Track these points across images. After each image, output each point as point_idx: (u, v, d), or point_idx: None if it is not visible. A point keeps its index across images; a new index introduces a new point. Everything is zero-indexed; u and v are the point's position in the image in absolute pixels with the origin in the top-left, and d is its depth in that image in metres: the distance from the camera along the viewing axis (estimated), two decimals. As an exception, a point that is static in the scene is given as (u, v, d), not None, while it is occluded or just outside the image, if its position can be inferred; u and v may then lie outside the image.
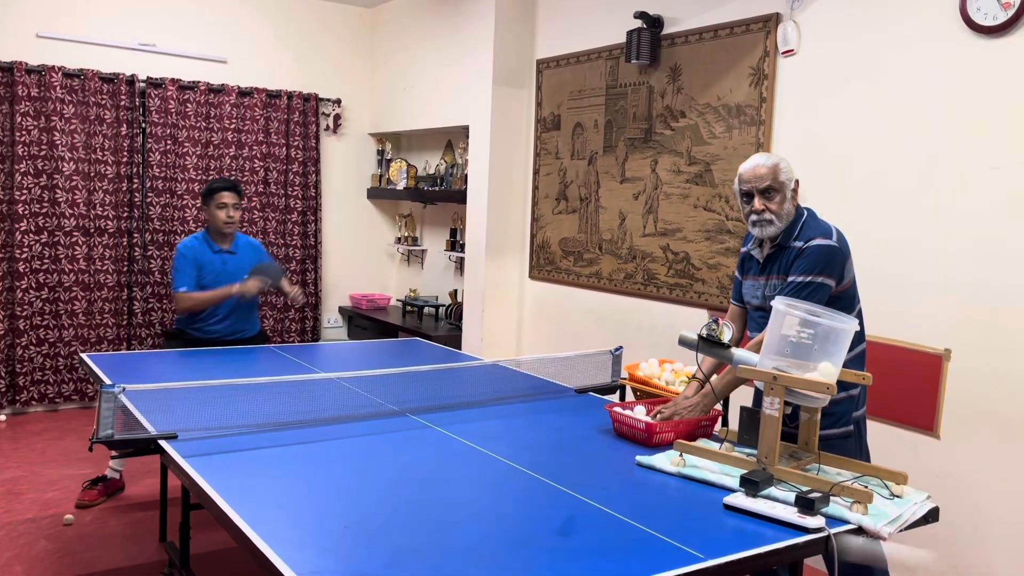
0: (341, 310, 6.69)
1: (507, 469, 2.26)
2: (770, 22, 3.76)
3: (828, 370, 2.10)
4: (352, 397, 2.96)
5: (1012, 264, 2.95)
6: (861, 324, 2.61)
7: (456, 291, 6.00)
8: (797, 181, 2.57)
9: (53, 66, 5.31)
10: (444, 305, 6.08)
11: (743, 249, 2.76)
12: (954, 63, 3.12)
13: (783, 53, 3.71)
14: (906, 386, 3.24)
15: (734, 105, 3.94)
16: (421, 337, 4.99)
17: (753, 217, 2.55)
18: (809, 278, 2.44)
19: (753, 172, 2.55)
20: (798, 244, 2.51)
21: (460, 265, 5.95)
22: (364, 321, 6.38)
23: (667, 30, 4.27)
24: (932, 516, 2.08)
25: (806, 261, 2.47)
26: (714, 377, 2.57)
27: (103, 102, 5.50)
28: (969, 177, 3.07)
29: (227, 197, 4.10)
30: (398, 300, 6.61)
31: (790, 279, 2.48)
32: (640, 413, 2.53)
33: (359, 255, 6.75)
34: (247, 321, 4.22)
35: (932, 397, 3.16)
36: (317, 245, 6.41)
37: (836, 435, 2.52)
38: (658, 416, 2.53)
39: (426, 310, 6.17)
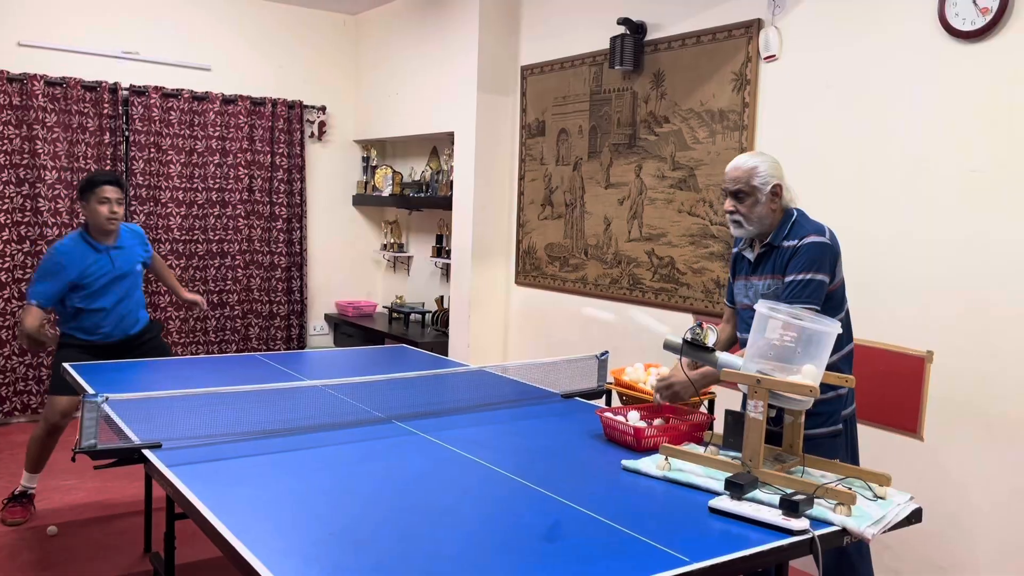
0: (327, 317, 6.67)
1: (493, 475, 2.26)
2: (752, 28, 3.79)
3: (811, 372, 2.12)
4: (338, 404, 2.95)
5: (993, 266, 2.98)
6: (849, 324, 2.63)
7: (442, 297, 6.00)
8: (779, 185, 2.57)
9: (35, 74, 5.28)
10: (430, 312, 6.08)
11: (734, 250, 2.78)
12: (933, 68, 3.15)
13: (765, 59, 3.74)
14: (889, 388, 3.27)
15: (717, 110, 3.96)
16: (408, 344, 4.99)
17: (727, 216, 2.61)
18: (808, 275, 2.45)
19: (729, 172, 2.60)
20: (791, 243, 2.52)
21: (446, 271, 5.95)
22: (350, 328, 6.36)
23: (650, 36, 4.30)
24: (915, 517, 2.09)
25: (802, 259, 2.47)
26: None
27: (86, 110, 5.48)
28: (949, 180, 3.10)
29: (110, 191, 3.76)
30: (384, 307, 6.60)
31: (788, 278, 2.48)
32: (633, 418, 2.54)
33: (345, 262, 6.74)
34: (130, 315, 3.94)
35: (915, 398, 3.18)
36: (303, 252, 6.40)
37: (824, 435, 2.53)
38: (657, 398, 2.59)
39: (412, 317, 6.16)
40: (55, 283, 3.71)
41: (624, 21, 4.31)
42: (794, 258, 2.49)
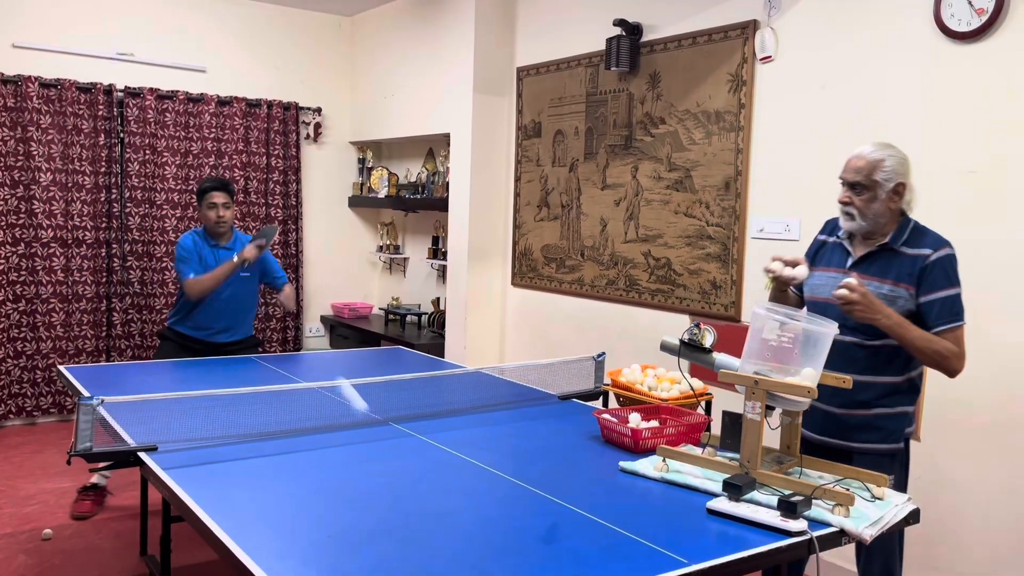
0: (323, 319, 6.66)
1: (490, 477, 2.26)
2: (748, 29, 3.79)
3: (809, 374, 2.12)
4: (334, 406, 2.94)
5: (988, 268, 2.98)
6: None
7: (439, 299, 5.99)
8: (903, 184, 2.42)
9: (29, 76, 5.27)
10: (427, 313, 6.07)
11: (820, 236, 2.65)
12: (929, 69, 3.15)
13: (761, 60, 3.74)
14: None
15: (713, 111, 3.96)
16: (404, 345, 4.98)
17: (840, 206, 2.46)
18: (958, 289, 2.37)
19: (851, 162, 2.43)
20: (920, 251, 2.38)
21: (442, 273, 5.95)
22: (346, 330, 6.35)
23: (646, 37, 4.30)
24: (913, 518, 2.09)
25: (948, 271, 2.36)
26: None
27: (81, 112, 5.46)
28: (945, 181, 3.11)
29: (217, 197, 4.09)
30: (380, 309, 6.59)
31: (939, 294, 2.34)
32: (634, 420, 2.53)
33: (341, 264, 6.73)
34: (240, 321, 4.20)
35: (912, 399, 3.18)
36: (298, 254, 6.39)
37: (884, 451, 2.45)
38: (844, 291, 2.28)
39: (409, 318, 6.15)
40: (192, 257, 4.05)
41: (620, 22, 4.31)
42: (936, 270, 2.35)
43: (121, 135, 5.65)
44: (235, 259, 4.01)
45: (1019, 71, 2.91)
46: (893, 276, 2.40)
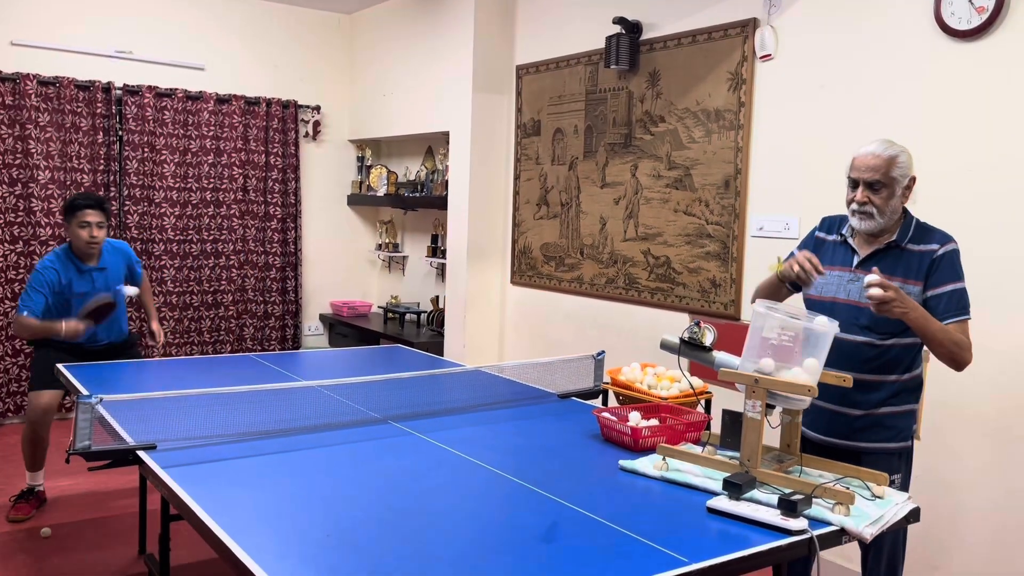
0: (322, 317, 6.65)
1: (490, 475, 2.25)
2: (748, 27, 3.78)
3: (812, 369, 2.11)
4: (333, 405, 2.94)
5: (987, 266, 2.98)
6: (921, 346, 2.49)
7: (438, 297, 5.99)
8: (913, 179, 2.40)
9: (28, 74, 5.26)
10: (426, 312, 6.07)
11: (817, 232, 2.60)
12: (929, 67, 3.15)
13: (761, 58, 3.74)
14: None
15: (713, 110, 3.96)
16: (403, 344, 4.97)
17: (854, 207, 2.40)
18: (964, 283, 2.36)
19: (864, 161, 2.38)
20: (927, 247, 2.37)
21: (441, 271, 5.94)
22: (345, 328, 6.35)
23: (646, 35, 4.29)
24: (913, 516, 2.09)
25: (955, 266, 2.37)
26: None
27: (79, 110, 5.45)
28: (945, 179, 3.10)
29: (91, 215, 3.81)
30: (379, 307, 6.59)
31: (946, 287, 2.34)
32: (634, 419, 2.53)
33: (340, 262, 6.72)
34: (111, 331, 4.00)
35: (912, 398, 3.18)
36: (297, 252, 6.38)
37: (894, 449, 2.45)
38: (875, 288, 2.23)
39: (408, 317, 6.15)
40: (43, 291, 3.77)
41: (620, 20, 4.31)
42: (944, 265, 2.35)
43: (119, 133, 5.64)
44: (61, 328, 3.68)
45: (1019, 69, 2.91)
46: (902, 273, 2.39)
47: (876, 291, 2.23)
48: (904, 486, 2.48)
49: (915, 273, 2.38)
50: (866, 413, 2.46)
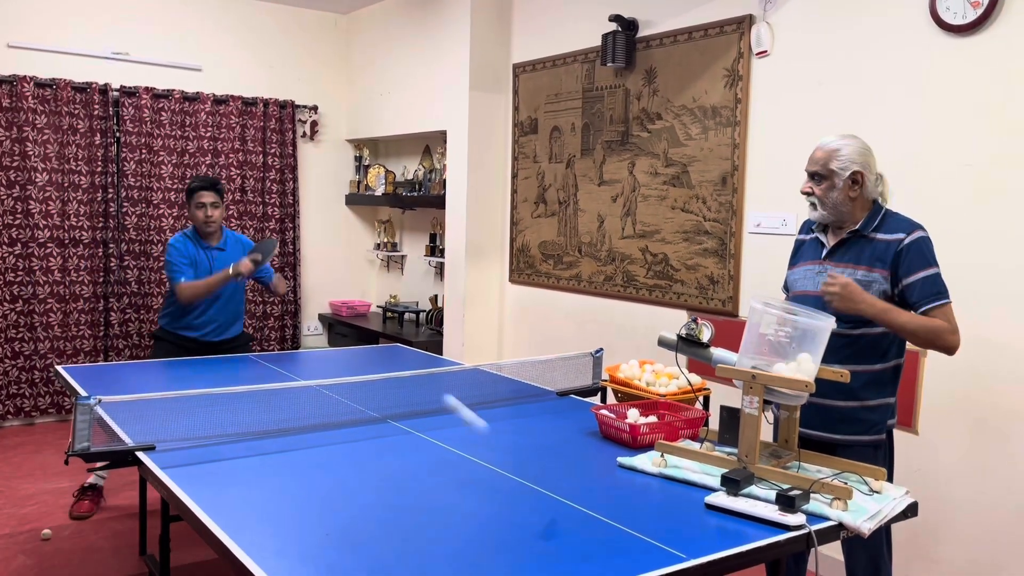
0: (321, 317, 6.65)
1: (489, 473, 2.26)
2: (743, 24, 3.79)
3: (806, 367, 2.12)
4: (332, 404, 2.94)
5: (985, 261, 2.99)
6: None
7: (436, 296, 5.99)
8: (860, 173, 2.44)
9: (25, 76, 5.26)
10: (425, 311, 6.07)
11: (798, 236, 2.72)
12: (925, 62, 3.15)
13: (757, 54, 3.74)
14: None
15: (709, 107, 3.96)
16: (402, 343, 4.97)
17: (804, 196, 2.54)
18: (937, 269, 2.40)
19: (813, 152, 2.51)
20: (893, 236, 2.42)
21: (440, 270, 5.94)
22: (344, 328, 6.35)
23: (642, 33, 4.30)
24: (911, 511, 2.09)
25: (924, 253, 2.41)
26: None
27: (76, 112, 5.45)
28: (942, 174, 3.11)
29: (205, 196, 4.05)
30: (378, 306, 6.59)
31: (918, 275, 2.38)
32: (633, 416, 2.53)
33: (338, 262, 6.73)
34: (230, 320, 4.17)
35: (910, 393, 3.18)
36: (296, 252, 6.38)
37: (867, 443, 2.47)
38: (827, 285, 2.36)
39: (407, 316, 6.15)
40: (183, 260, 4.02)
41: (616, 18, 4.31)
42: (911, 254, 2.39)
43: (117, 134, 5.64)
44: (230, 271, 3.95)
45: (1015, 63, 2.91)
46: (866, 261, 2.45)
47: (824, 286, 2.35)
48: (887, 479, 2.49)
49: (879, 262, 2.43)
50: (841, 404, 2.48)
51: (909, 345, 2.53)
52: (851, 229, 2.50)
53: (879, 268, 2.43)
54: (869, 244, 2.46)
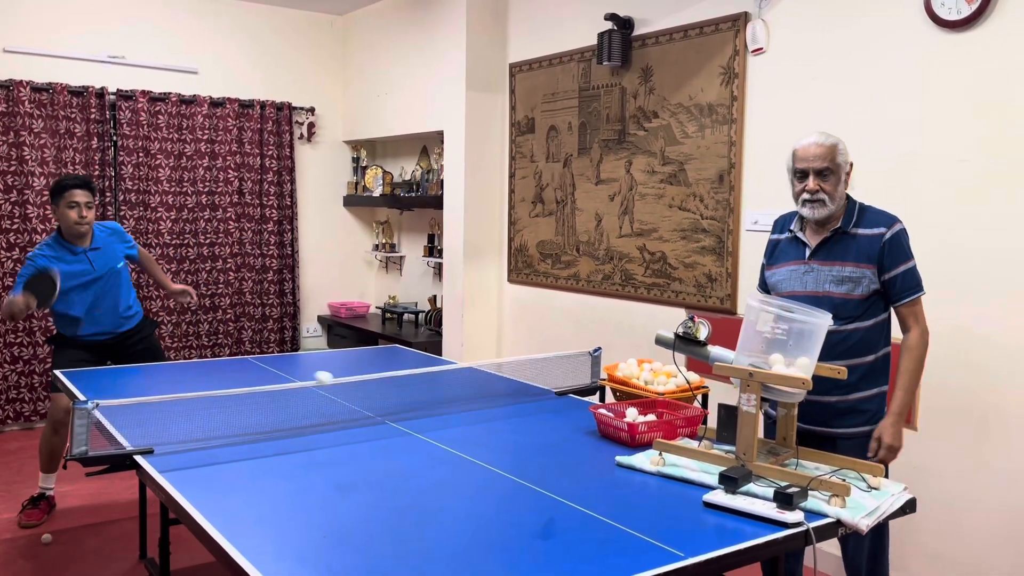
0: (320, 319, 6.65)
1: (487, 474, 2.26)
2: (739, 21, 3.78)
3: (804, 365, 2.12)
4: (330, 406, 2.94)
5: (981, 256, 2.99)
6: (889, 326, 2.58)
7: (435, 297, 5.99)
8: (851, 164, 2.53)
9: (21, 80, 5.26)
10: (424, 311, 6.07)
11: (772, 236, 2.72)
12: (920, 58, 3.15)
13: (752, 52, 3.74)
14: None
15: (706, 104, 3.96)
16: (401, 344, 4.97)
17: (805, 196, 2.49)
18: (914, 261, 2.49)
19: (810, 151, 2.49)
20: (875, 231, 2.47)
21: (439, 271, 5.94)
22: (343, 329, 6.35)
23: (637, 31, 4.29)
24: (909, 507, 2.09)
25: (905, 247, 2.48)
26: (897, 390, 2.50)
27: (73, 115, 5.45)
28: (937, 170, 3.11)
29: (79, 195, 3.75)
30: (377, 307, 6.59)
31: (900, 269, 2.46)
32: (631, 415, 2.53)
33: (337, 263, 6.72)
34: (123, 313, 3.96)
35: (908, 389, 3.18)
36: (294, 254, 6.38)
37: (868, 432, 2.51)
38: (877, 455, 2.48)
39: (406, 317, 6.15)
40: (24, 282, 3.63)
41: (611, 16, 4.30)
42: (895, 246, 2.46)
43: (114, 138, 5.64)
44: (7, 303, 3.60)
45: (1010, 59, 2.91)
46: (853, 258, 2.49)
47: (884, 454, 2.47)
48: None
49: (866, 257, 2.48)
50: (839, 399, 2.52)
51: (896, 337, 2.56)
52: (835, 227, 2.52)
53: (866, 264, 2.47)
54: (852, 240, 2.50)
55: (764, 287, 2.77)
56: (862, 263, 2.47)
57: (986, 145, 2.98)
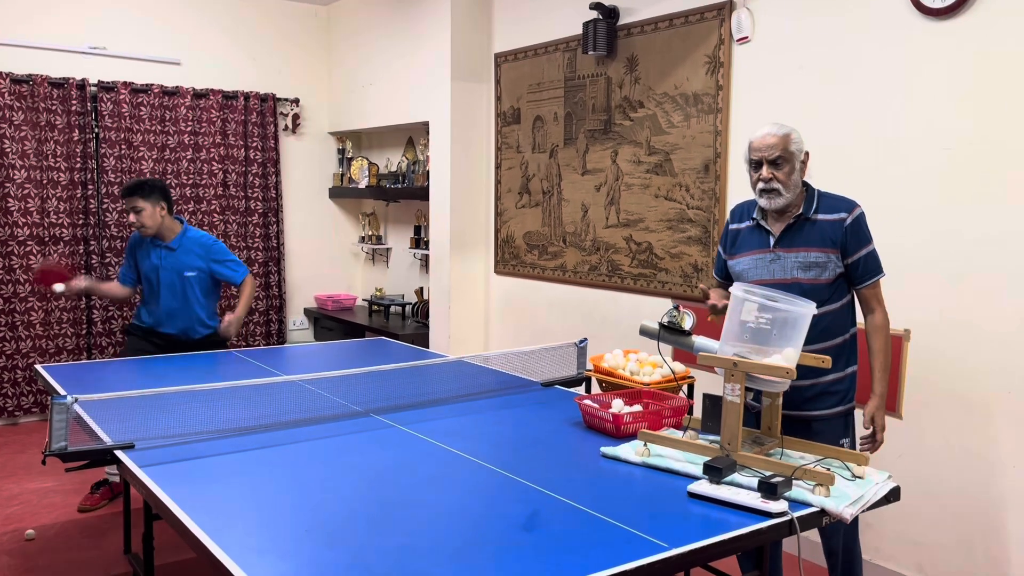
0: (306, 312, 6.62)
1: (472, 466, 2.25)
2: (724, 10, 3.77)
3: (788, 355, 2.11)
4: (314, 399, 2.92)
5: (967, 244, 2.99)
6: (853, 307, 2.64)
7: (422, 289, 5.97)
8: (807, 153, 2.57)
9: (0, 72, 5.19)
10: (410, 303, 6.05)
11: (731, 225, 2.74)
12: (904, 46, 3.15)
13: (737, 41, 3.73)
14: (866, 367, 3.26)
15: (691, 94, 3.95)
16: (388, 336, 4.96)
17: (761, 185, 2.54)
18: (873, 244, 2.55)
19: (763, 141, 2.52)
20: (835, 216, 2.52)
21: (425, 262, 5.92)
22: (330, 322, 6.32)
23: (623, 20, 4.27)
24: (894, 495, 2.10)
25: (865, 230, 2.54)
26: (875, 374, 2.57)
27: (54, 107, 5.39)
28: (922, 158, 3.11)
29: (129, 202, 3.90)
30: (364, 300, 6.56)
31: (861, 252, 2.52)
32: (617, 405, 2.52)
33: (323, 255, 6.69)
34: (186, 322, 4.02)
35: (893, 377, 3.18)
36: (279, 247, 6.34)
37: (840, 412, 2.60)
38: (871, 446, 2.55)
39: (392, 309, 6.13)
40: (127, 262, 4.15)
41: (596, 6, 4.28)
42: (857, 230, 2.52)
43: (96, 130, 5.58)
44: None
45: (994, 47, 2.91)
46: (817, 243, 2.53)
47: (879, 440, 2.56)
48: (852, 446, 2.63)
49: (829, 242, 2.53)
50: (813, 383, 2.57)
51: (892, 330, 2.59)
52: (796, 214, 2.56)
53: (830, 248, 2.53)
54: (814, 226, 2.55)
55: (721, 274, 2.80)
56: (827, 247, 2.52)
57: (970, 133, 2.98)
